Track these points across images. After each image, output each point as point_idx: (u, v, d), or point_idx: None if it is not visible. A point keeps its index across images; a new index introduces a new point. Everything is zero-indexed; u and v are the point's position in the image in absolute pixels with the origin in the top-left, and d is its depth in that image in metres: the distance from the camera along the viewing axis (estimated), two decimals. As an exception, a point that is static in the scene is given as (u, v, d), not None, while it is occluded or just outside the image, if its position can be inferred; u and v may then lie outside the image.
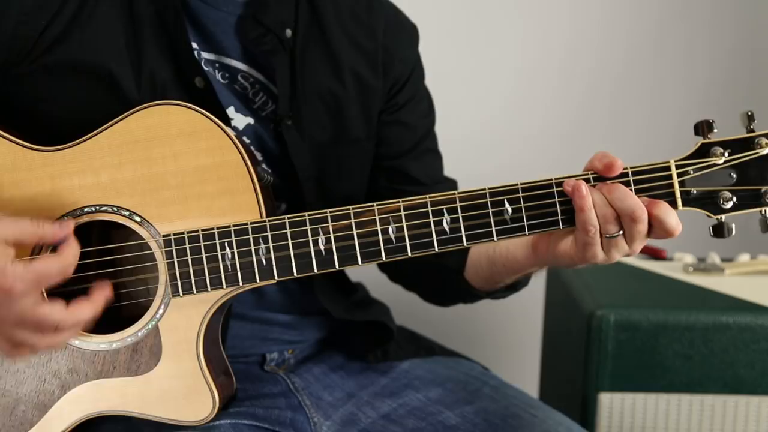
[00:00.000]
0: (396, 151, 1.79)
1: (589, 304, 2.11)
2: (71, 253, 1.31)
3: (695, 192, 1.35)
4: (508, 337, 3.19)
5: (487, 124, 3.06)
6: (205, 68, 1.57)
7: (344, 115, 1.70)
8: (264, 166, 1.62)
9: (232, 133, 1.40)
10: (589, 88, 3.10)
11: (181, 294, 1.39)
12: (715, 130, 1.35)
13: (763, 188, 1.35)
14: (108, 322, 1.43)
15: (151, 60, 1.51)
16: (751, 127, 1.35)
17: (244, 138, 1.60)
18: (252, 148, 1.60)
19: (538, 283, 2.71)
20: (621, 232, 1.36)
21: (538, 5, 3.05)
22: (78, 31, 1.48)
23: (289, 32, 1.64)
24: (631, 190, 1.35)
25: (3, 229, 1.27)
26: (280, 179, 1.62)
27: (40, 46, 1.46)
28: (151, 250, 1.41)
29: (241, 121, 1.61)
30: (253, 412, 1.56)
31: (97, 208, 1.40)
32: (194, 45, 1.57)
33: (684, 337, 2.04)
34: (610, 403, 2.08)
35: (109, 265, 1.45)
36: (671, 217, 1.34)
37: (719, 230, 1.37)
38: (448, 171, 1.90)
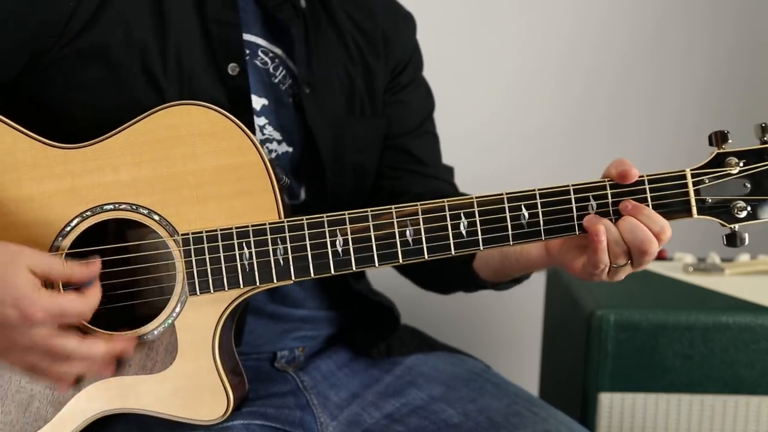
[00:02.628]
0: (398, 131, 1.82)
1: (589, 304, 2.12)
2: (95, 296, 1.35)
3: (710, 201, 1.37)
4: (508, 336, 3.20)
5: (487, 123, 3.07)
6: None
7: (354, 90, 1.73)
8: (285, 145, 1.66)
9: (251, 134, 1.41)
10: (588, 87, 3.11)
11: (198, 293, 1.40)
12: (730, 141, 1.37)
13: None
14: (122, 320, 1.44)
15: (177, 42, 1.53)
16: (765, 138, 1.37)
17: (262, 118, 1.62)
18: (270, 128, 1.63)
19: (538, 282, 2.72)
20: (629, 261, 1.40)
21: (538, 4, 3.06)
22: (107, 15, 1.49)
23: (303, 2, 1.67)
24: (647, 197, 1.37)
25: (33, 259, 1.31)
26: (300, 155, 1.65)
27: (70, 31, 1.47)
28: (167, 249, 1.42)
29: (257, 102, 1.62)
30: (264, 412, 1.57)
31: (117, 206, 1.41)
32: None
33: (684, 337, 2.05)
34: (610, 403, 2.09)
35: (125, 264, 1.46)
36: (667, 234, 1.38)
37: (732, 239, 1.38)
38: (448, 170, 1.91)
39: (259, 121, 1.62)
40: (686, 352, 2.06)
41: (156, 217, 1.41)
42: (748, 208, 1.37)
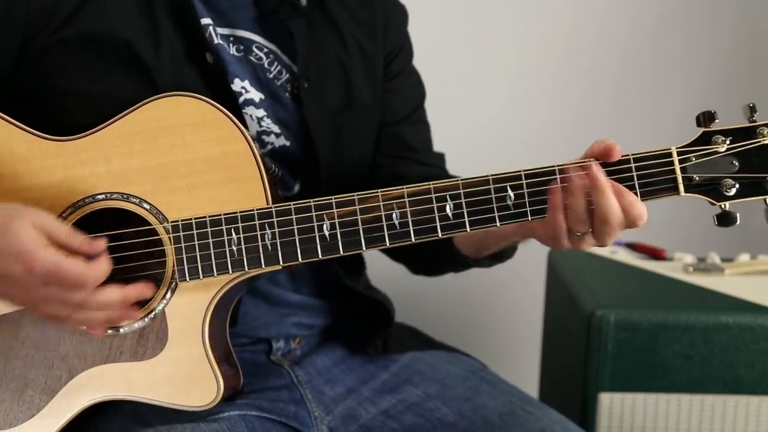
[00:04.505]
0: (391, 119, 1.83)
1: (589, 304, 2.12)
2: (101, 268, 1.34)
3: (697, 178, 1.37)
4: (507, 337, 3.18)
5: (487, 124, 3.08)
6: (220, 43, 1.61)
7: (352, 83, 1.74)
8: (283, 138, 1.66)
9: (240, 124, 1.44)
10: (588, 88, 3.12)
11: (187, 279, 1.41)
12: (717, 121, 1.37)
13: (766, 176, 1.36)
14: None
15: (166, 34, 1.54)
16: (753, 118, 1.37)
17: (261, 110, 1.64)
18: (268, 120, 1.64)
19: (538, 282, 2.72)
20: (590, 230, 1.39)
21: (537, 5, 3.07)
22: (92, 4, 1.51)
23: (304, 1, 1.68)
24: (633, 176, 1.37)
25: (39, 217, 1.32)
26: (297, 149, 1.66)
27: (56, 19, 1.49)
28: (157, 237, 1.43)
29: (255, 95, 1.64)
30: (259, 405, 1.58)
31: (108, 195, 1.43)
32: (208, 20, 1.60)
33: (684, 337, 2.05)
34: (610, 403, 2.08)
35: (116, 252, 1.46)
36: (637, 208, 1.37)
37: (724, 218, 1.37)
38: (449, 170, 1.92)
39: (258, 112, 1.63)
40: (686, 352, 2.05)
41: (146, 206, 1.43)
42: (737, 186, 1.36)
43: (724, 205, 1.38)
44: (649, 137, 3.00)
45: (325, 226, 1.40)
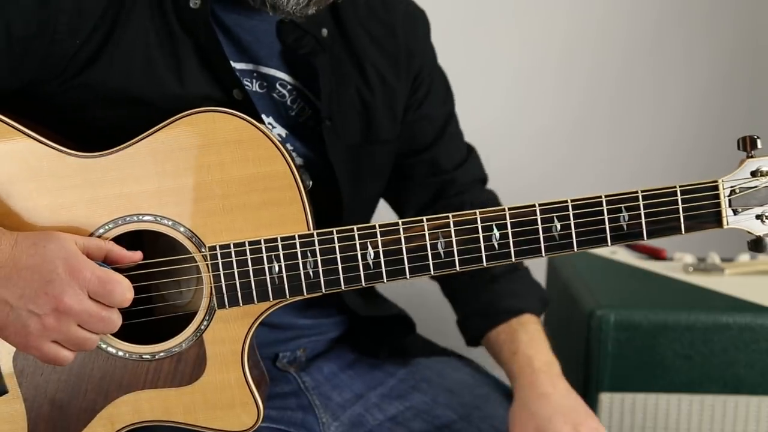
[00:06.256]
0: (423, 143, 1.79)
1: (589, 304, 2.13)
2: (131, 292, 1.33)
3: (740, 210, 1.36)
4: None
5: (487, 124, 3.02)
6: (242, 79, 1.54)
7: (372, 117, 1.68)
8: (306, 177, 1.59)
9: (279, 143, 1.38)
10: (588, 88, 3.11)
11: (227, 306, 1.38)
12: (760, 147, 1.36)
13: None
14: (140, 331, 1.42)
15: (191, 76, 1.48)
16: None
17: (288, 145, 1.58)
18: (294, 154, 1.58)
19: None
20: None
21: (537, 5, 3.05)
22: (109, 53, 1.44)
23: (325, 31, 1.62)
24: (678, 208, 1.36)
25: (74, 236, 1.32)
26: (320, 185, 1.60)
27: (73, 67, 1.43)
28: (187, 257, 1.39)
29: (281, 131, 1.59)
30: (268, 414, 1.54)
31: (140, 217, 1.37)
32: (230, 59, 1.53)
33: (684, 337, 2.06)
34: (610, 403, 2.10)
35: (145, 271, 1.43)
36: None
37: (758, 245, 1.38)
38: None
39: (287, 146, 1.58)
40: (686, 352, 2.07)
41: (181, 229, 1.37)
42: None
43: (762, 233, 1.38)
44: (650, 136, 3.03)
45: (368, 254, 1.37)
